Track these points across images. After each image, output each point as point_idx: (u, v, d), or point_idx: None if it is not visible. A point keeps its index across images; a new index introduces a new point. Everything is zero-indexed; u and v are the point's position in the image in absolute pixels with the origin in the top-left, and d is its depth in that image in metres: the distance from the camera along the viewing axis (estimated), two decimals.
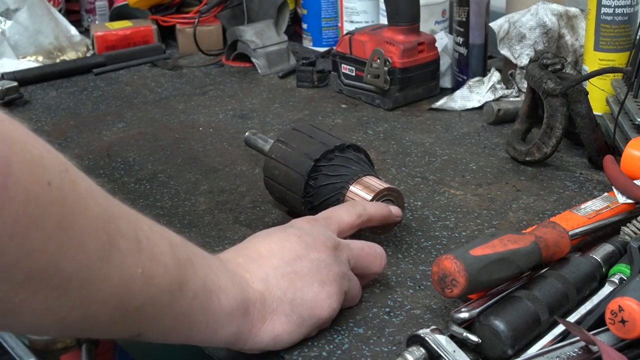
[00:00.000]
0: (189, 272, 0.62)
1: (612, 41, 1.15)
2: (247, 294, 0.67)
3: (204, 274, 0.64)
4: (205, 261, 0.66)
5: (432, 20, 1.40)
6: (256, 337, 0.68)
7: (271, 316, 0.69)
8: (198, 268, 0.64)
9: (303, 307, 0.70)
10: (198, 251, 0.66)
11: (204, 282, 0.64)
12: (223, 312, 0.65)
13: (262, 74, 1.44)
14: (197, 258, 0.65)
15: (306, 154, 0.89)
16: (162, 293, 0.59)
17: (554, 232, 0.76)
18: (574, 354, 0.67)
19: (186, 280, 0.62)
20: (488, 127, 1.19)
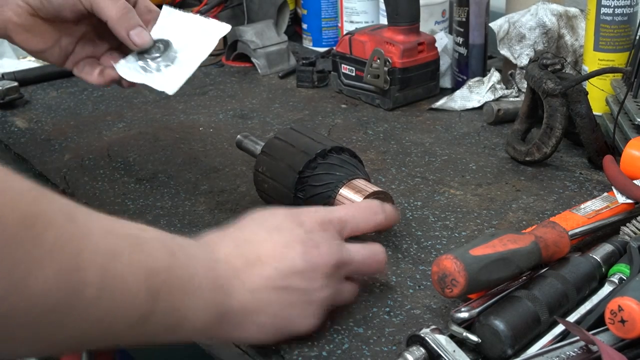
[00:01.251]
0: (158, 305, 0.59)
1: (611, 41, 1.15)
2: (227, 307, 0.65)
3: (178, 301, 0.61)
4: (183, 281, 0.62)
5: (432, 20, 1.40)
6: (225, 337, 0.68)
7: (248, 325, 0.67)
8: (172, 295, 0.60)
9: (283, 322, 0.69)
10: (181, 263, 0.62)
11: (174, 311, 0.61)
12: (193, 331, 0.64)
13: (262, 74, 1.44)
14: (174, 279, 0.61)
15: (290, 166, 0.89)
16: (122, 328, 0.57)
17: (554, 232, 0.76)
18: (573, 353, 0.67)
19: (152, 312, 0.59)
20: (488, 127, 1.19)
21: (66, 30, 0.92)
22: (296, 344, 0.74)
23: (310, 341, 0.74)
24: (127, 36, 0.89)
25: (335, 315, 0.76)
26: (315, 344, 0.74)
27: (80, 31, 0.94)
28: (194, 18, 0.93)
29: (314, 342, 0.74)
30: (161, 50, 0.91)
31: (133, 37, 0.89)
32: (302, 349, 0.73)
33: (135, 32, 0.89)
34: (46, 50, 0.92)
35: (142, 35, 0.89)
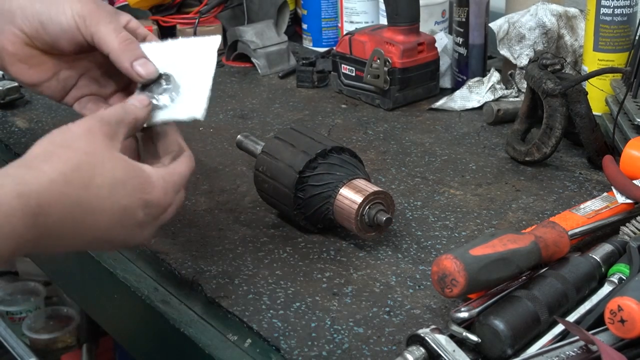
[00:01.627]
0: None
1: (611, 41, 1.15)
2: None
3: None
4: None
5: (432, 20, 1.40)
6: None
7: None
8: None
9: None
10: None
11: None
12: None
13: (262, 74, 1.44)
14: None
15: (290, 166, 0.89)
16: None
17: (554, 232, 0.76)
18: (573, 353, 0.67)
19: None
20: (488, 127, 1.19)
21: (66, 63, 0.88)
22: (296, 344, 0.74)
23: (310, 341, 0.74)
24: (130, 67, 0.82)
25: (336, 315, 0.77)
26: (315, 343, 0.74)
27: (82, 66, 0.89)
28: (178, 42, 0.86)
29: (314, 341, 0.74)
30: (164, 83, 0.83)
31: (137, 69, 0.82)
32: (302, 348, 0.73)
33: (139, 62, 0.82)
34: (42, 84, 0.88)
35: (147, 66, 0.82)
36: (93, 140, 0.70)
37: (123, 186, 0.70)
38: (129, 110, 0.77)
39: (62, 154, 0.68)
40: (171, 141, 0.80)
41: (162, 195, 0.73)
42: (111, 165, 0.70)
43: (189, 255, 0.88)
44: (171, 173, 0.75)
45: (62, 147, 0.68)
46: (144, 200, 0.71)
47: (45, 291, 1.97)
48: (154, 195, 0.72)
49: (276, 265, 0.86)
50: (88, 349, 1.81)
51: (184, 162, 0.78)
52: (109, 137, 0.72)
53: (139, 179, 0.71)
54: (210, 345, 0.75)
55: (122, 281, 0.86)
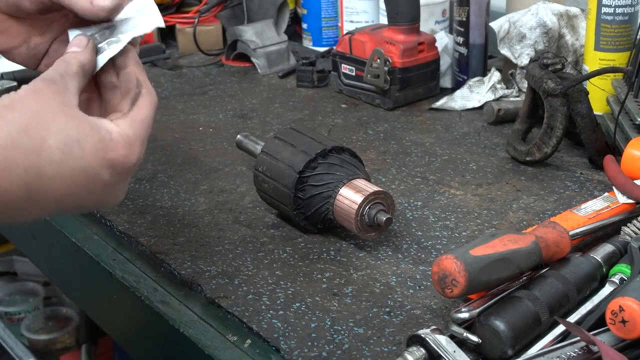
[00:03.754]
0: None
1: (612, 41, 1.15)
2: None
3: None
4: None
5: (432, 20, 1.40)
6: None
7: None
8: None
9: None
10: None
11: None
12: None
13: (262, 74, 1.44)
14: None
15: (290, 166, 0.89)
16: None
17: (554, 232, 0.76)
18: (574, 354, 0.67)
19: None
20: (488, 127, 1.19)
21: (36, 29, 0.82)
22: (296, 345, 0.74)
23: (310, 341, 0.74)
24: (91, 5, 0.74)
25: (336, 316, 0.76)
26: (315, 344, 0.73)
27: (53, 32, 0.83)
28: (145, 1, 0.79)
29: (314, 342, 0.74)
30: (107, 32, 0.76)
31: (97, 2, 0.74)
32: (302, 349, 0.73)
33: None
34: (12, 50, 0.82)
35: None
36: (40, 98, 0.65)
37: (79, 146, 0.64)
38: (70, 59, 0.70)
39: (7, 115, 0.62)
40: (129, 77, 0.73)
41: (127, 151, 0.67)
42: (63, 122, 0.64)
43: (188, 255, 0.88)
44: (132, 123, 0.69)
45: (7, 109, 0.63)
46: (107, 160, 0.66)
47: (44, 291, 1.97)
48: (118, 153, 0.66)
49: (276, 266, 0.86)
50: (87, 349, 1.81)
51: (144, 104, 0.71)
52: (58, 93, 0.66)
53: (97, 136, 0.65)
54: (209, 345, 0.75)
55: (121, 281, 0.86)
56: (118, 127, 0.67)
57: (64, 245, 0.96)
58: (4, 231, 1.21)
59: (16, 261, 2.04)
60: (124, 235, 0.93)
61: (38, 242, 1.05)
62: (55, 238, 0.98)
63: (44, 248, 1.04)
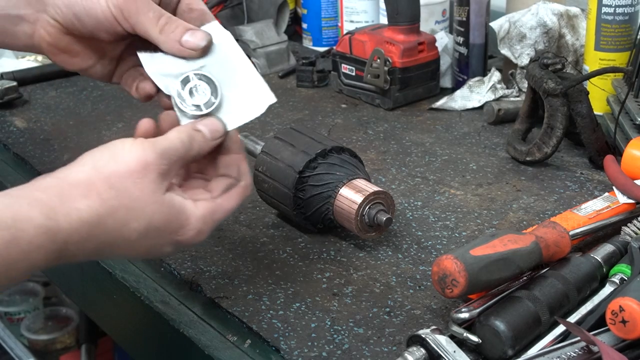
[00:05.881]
0: None
1: (612, 41, 1.15)
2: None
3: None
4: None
5: (432, 19, 1.40)
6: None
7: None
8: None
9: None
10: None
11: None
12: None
13: (262, 74, 1.44)
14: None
15: (290, 166, 0.89)
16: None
17: (555, 232, 0.76)
18: (574, 354, 0.67)
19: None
20: (488, 127, 1.19)
21: (106, 48, 0.81)
22: (296, 345, 0.73)
23: (310, 341, 0.74)
24: (181, 48, 0.73)
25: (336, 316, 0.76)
26: (315, 344, 0.73)
27: (120, 48, 0.82)
28: (249, 67, 0.76)
29: (314, 342, 0.74)
30: (207, 89, 0.73)
31: (187, 45, 0.73)
32: (302, 349, 0.73)
33: (186, 38, 0.73)
34: (88, 70, 0.82)
35: (195, 35, 0.73)
36: (142, 180, 0.66)
37: (157, 231, 0.68)
38: (195, 145, 0.70)
39: (104, 192, 0.64)
40: (232, 162, 0.73)
41: (196, 236, 0.70)
42: (151, 211, 0.67)
43: (188, 255, 0.88)
44: (214, 211, 0.71)
45: (106, 184, 0.65)
46: (175, 240, 0.69)
47: (43, 292, 1.97)
48: (187, 237, 0.70)
49: (276, 266, 0.86)
50: (87, 349, 1.80)
51: (234, 196, 0.72)
52: (162, 177, 0.67)
53: (176, 224, 0.69)
54: (209, 345, 0.75)
55: (121, 281, 0.86)
56: (198, 213, 0.70)
57: None
58: None
59: None
60: None
61: None
62: None
63: None
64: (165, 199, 0.68)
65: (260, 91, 0.74)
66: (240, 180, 0.73)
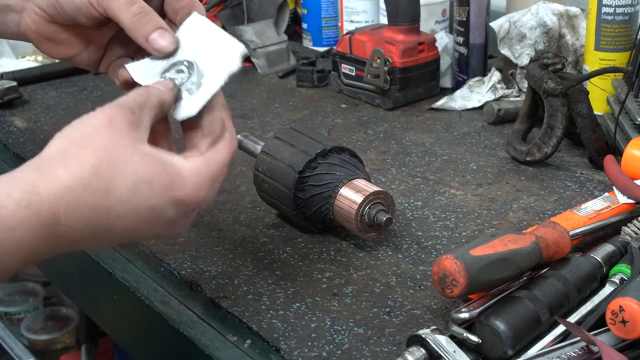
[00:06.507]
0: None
1: (612, 41, 1.15)
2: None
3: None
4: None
5: (432, 19, 1.40)
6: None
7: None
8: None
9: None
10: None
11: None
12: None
13: (262, 74, 1.44)
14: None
15: (290, 166, 0.89)
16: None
17: (555, 232, 0.76)
18: (574, 354, 0.67)
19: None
20: (488, 127, 1.19)
21: (91, 36, 0.82)
22: (296, 345, 0.73)
23: (310, 341, 0.74)
24: (146, 43, 0.74)
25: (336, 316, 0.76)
26: (315, 344, 0.73)
27: (106, 37, 0.83)
28: (218, 32, 0.78)
29: (314, 342, 0.74)
30: (186, 70, 0.75)
31: (153, 43, 0.74)
32: (302, 349, 0.73)
33: (154, 36, 0.74)
34: (74, 58, 0.83)
35: (164, 37, 0.74)
36: (114, 134, 0.64)
37: (148, 186, 0.64)
38: (152, 92, 0.70)
39: (79, 154, 0.62)
40: (215, 120, 0.72)
41: (196, 192, 0.67)
42: (135, 162, 0.64)
43: (188, 255, 0.88)
44: (207, 165, 0.69)
45: (79, 146, 0.63)
46: (174, 198, 0.66)
47: (43, 292, 1.97)
48: (185, 193, 0.66)
49: (276, 266, 0.86)
50: (87, 349, 1.81)
51: (223, 148, 0.71)
52: (132, 127, 0.65)
53: (167, 176, 0.65)
54: (209, 345, 0.75)
55: (121, 281, 0.86)
56: (190, 166, 0.67)
57: None
58: None
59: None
60: None
61: None
62: None
63: None
64: (145, 149, 0.65)
65: (229, 47, 0.75)
66: (225, 133, 0.72)
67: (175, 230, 0.69)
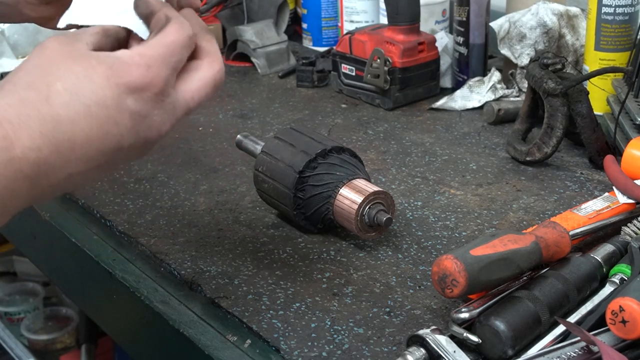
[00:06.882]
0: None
1: (612, 41, 1.15)
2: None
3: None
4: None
5: (432, 19, 1.40)
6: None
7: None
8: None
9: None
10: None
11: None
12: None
13: (262, 74, 1.44)
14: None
15: (290, 166, 0.89)
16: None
17: (555, 232, 0.76)
18: (574, 354, 0.67)
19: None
20: (488, 127, 1.19)
21: (64, 6, 0.76)
22: (296, 345, 0.73)
23: (310, 341, 0.74)
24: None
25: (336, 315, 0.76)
26: (315, 344, 0.73)
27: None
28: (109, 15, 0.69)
29: (314, 342, 0.74)
30: None
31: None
32: (302, 349, 0.73)
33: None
34: (55, 19, 0.78)
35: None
36: (45, 51, 0.61)
37: (88, 80, 0.59)
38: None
39: (13, 77, 0.60)
40: (158, 18, 0.66)
41: (145, 71, 0.61)
42: (68, 65, 0.60)
43: (188, 255, 0.88)
44: (151, 46, 0.62)
45: (14, 72, 0.60)
46: (122, 85, 0.60)
47: (43, 292, 1.97)
48: (132, 75, 0.60)
49: (276, 266, 0.86)
50: (87, 349, 1.81)
51: (171, 29, 0.64)
52: (65, 45, 0.61)
53: (105, 65, 0.60)
54: (209, 345, 0.75)
55: (121, 281, 0.86)
56: (130, 52, 0.62)
57: (64, 245, 0.96)
58: (3, 231, 1.21)
59: (16, 261, 2.04)
60: (124, 235, 0.93)
61: (38, 242, 1.05)
62: (55, 238, 0.98)
63: (44, 248, 1.04)
64: (78, 49, 0.61)
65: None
66: (170, 21, 0.65)
67: (154, 128, 0.63)
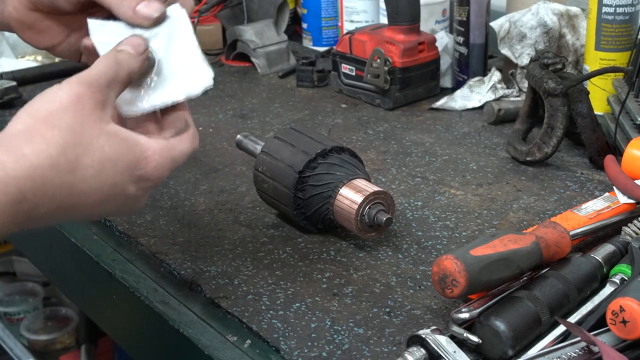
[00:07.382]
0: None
1: (613, 41, 1.15)
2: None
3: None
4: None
5: (433, 19, 1.40)
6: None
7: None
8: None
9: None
10: None
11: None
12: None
13: (262, 74, 1.44)
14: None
15: (290, 166, 0.89)
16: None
17: (555, 232, 0.75)
18: (574, 354, 0.67)
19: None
20: (488, 127, 1.19)
21: (73, 25, 0.81)
22: (296, 345, 0.73)
23: (310, 341, 0.74)
24: (134, 15, 0.72)
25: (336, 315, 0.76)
26: (315, 344, 0.73)
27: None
28: (195, 48, 0.74)
29: (314, 342, 0.74)
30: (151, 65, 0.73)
31: (141, 12, 0.72)
32: (302, 349, 0.73)
33: (141, 6, 0.72)
34: (55, 48, 0.83)
35: (150, 5, 0.72)
36: (81, 112, 0.64)
37: (113, 165, 0.65)
38: (123, 62, 0.68)
39: (46, 133, 0.62)
40: (177, 116, 0.73)
41: (158, 171, 0.68)
42: (100, 142, 0.64)
43: (188, 255, 0.88)
44: (170, 149, 0.70)
45: (46, 125, 0.63)
46: (136, 176, 0.67)
47: (43, 292, 1.97)
48: (147, 171, 0.67)
49: (276, 266, 0.86)
50: (87, 349, 1.81)
51: (186, 139, 0.72)
52: (99, 106, 0.65)
53: (132, 155, 0.67)
54: (209, 346, 0.75)
55: (120, 282, 0.86)
56: (154, 146, 0.68)
57: (63, 245, 0.96)
58: None
59: (16, 261, 2.04)
60: (123, 235, 0.93)
61: (38, 242, 1.05)
62: (55, 238, 0.98)
63: (44, 248, 1.04)
64: (112, 129, 0.66)
65: (200, 72, 0.74)
66: (189, 128, 0.73)
67: (134, 206, 0.70)
